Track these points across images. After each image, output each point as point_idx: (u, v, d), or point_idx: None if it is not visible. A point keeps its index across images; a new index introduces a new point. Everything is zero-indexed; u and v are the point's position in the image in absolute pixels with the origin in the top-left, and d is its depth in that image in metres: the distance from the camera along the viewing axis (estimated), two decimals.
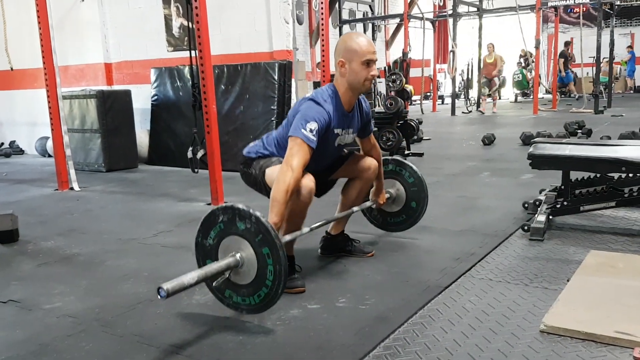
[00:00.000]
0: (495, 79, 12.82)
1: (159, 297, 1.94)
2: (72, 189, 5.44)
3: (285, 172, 2.39)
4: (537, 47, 12.02)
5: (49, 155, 7.49)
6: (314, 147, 2.47)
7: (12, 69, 7.69)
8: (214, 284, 2.24)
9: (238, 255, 2.18)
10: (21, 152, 8.50)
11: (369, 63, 2.59)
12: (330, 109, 2.58)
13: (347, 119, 2.72)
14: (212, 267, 2.17)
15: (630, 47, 17.48)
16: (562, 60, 15.21)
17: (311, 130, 2.46)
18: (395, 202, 3.27)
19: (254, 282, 2.17)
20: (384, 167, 3.12)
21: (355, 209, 2.99)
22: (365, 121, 2.87)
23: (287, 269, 2.14)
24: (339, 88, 2.65)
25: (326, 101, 2.59)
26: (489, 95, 13.15)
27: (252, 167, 2.76)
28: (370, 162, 2.91)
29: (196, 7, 4.29)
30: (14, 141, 8.55)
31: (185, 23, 6.44)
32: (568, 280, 2.52)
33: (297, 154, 2.43)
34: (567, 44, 15.68)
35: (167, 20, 6.84)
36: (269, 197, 2.69)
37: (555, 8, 13.24)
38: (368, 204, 3.11)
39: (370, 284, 2.67)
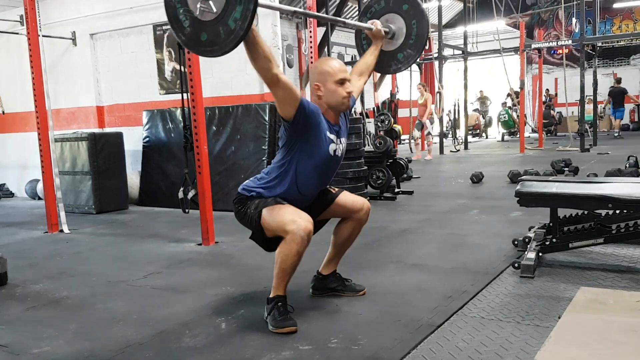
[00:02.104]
0: (427, 122, 11.63)
1: None
2: (61, 231, 5.40)
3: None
4: (521, 88, 12.29)
5: (39, 198, 7.46)
6: (302, 99, 2.54)
7: (3, 112, 7.75)
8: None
9: None
10: (11, 195, 8.45)
11: (342, 82, 2.69)
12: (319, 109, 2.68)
13: (336, 128, 2.77)
14: None
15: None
16: (609, 98, 15.35)
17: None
18: (395, 37, 3.19)
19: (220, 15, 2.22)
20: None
21: (350, 22, 3.14)
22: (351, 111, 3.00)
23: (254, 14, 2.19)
24: (320, 109, 2.71)
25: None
26: (419, 138, 12.19)
27: (247, 206, 2.72)
28: (362, 202, 2.94)
29: (188, 52, 4.38)
30: (4, 184, 8.52)
31: (178, 67, 6.55)
32: (559, 318, 2.52)
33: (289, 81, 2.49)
34: (619, 81, 15.84)
35: (160, 64, 6.95)
36: (262, 244, 2.71)
37: (539, 50, 13.60)
38: (364, 25, 3.11)
39: (363, 323, 2.66)
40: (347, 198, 2.93)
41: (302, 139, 2.64)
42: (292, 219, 2.52)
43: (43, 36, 5.45)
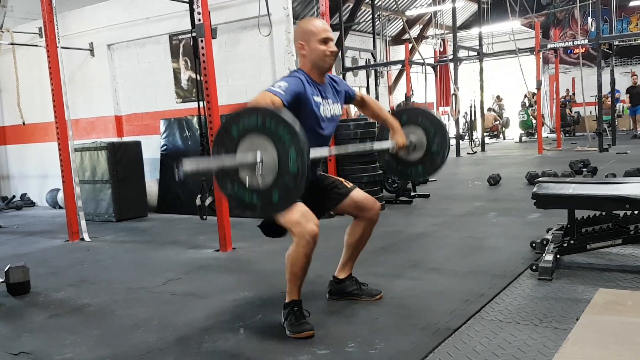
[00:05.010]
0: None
1: (176, 173, 2.00)
2: (82, 239, 5.49)
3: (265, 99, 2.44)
4: (538, 88, 12.19)
5: (60, 207, 7.58)
6: (283, 100, 2.49)
7: (24, 123, 7.90)
8: (229, 186, 2.27)
9: (259, 153, 2.17)
10: (32, 204, 8.60)
11: (325, 40, 2.73)
12: (299, 76, 2.70)
13: (322, 88, 2.79)
14: (232, 159, 2.18)
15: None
16: (627, 95, 15.56)
17: (280, 87, 2.54)
18: (416, 149, 3.11)
19: (276, 181, 2.16)
20: (399, 118, 3.07)
21: (375, 145, 3.06)
22: (344, 89, 2.96)
23: (310, 165, 2.14)
24: (304, 68, 2.77)
25: (292, 74, 2.72)
26: None
27: None
28: (373, 201, 2.95)
29: (204, 61, 4.45)
30: (25, 194, 8.67)
31: (194, 76, 6.63)
32: (577, 320, 2.51)
33: (265, 97, 2.46)
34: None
35: (176, 74, 7.04)
36: (264, 231, 2.77)
37: (555, 50, 13.48)
38: (387, 144, 3.02)
39: (380, 327, 2.67)
40: (359, 194, 2.94)
41: (295, 112, 2.60)
42: (298, 220, 2.52)
43: (61, 48, 5.55)
